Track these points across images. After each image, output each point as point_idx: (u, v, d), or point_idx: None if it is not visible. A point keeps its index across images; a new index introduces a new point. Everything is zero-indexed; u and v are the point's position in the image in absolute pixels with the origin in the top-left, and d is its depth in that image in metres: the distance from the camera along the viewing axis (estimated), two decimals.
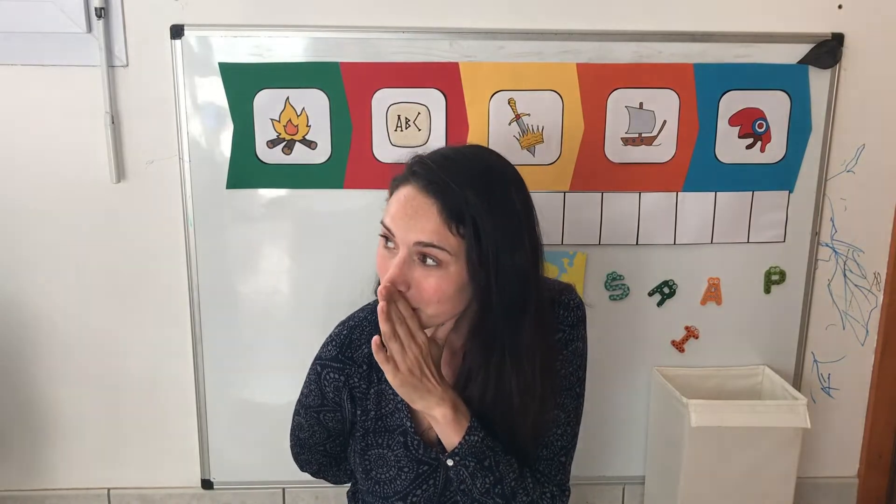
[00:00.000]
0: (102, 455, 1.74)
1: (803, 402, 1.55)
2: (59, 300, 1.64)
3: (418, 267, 1.00)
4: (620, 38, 1.52)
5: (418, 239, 0.99)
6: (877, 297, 1.71)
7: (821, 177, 1.62)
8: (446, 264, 0.99)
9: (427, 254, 0.99)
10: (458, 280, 1.01)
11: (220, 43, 1.50)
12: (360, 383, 1.14)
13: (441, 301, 1.00)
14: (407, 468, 1.13)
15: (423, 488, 1.13)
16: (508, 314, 1.04)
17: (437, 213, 0.99)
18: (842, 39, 1.55)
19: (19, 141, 1.56)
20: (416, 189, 1.01)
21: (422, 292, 1.00)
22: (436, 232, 0.99)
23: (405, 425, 1.12)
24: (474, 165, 1.04)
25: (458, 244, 0.99)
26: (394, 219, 1.01)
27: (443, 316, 1.03)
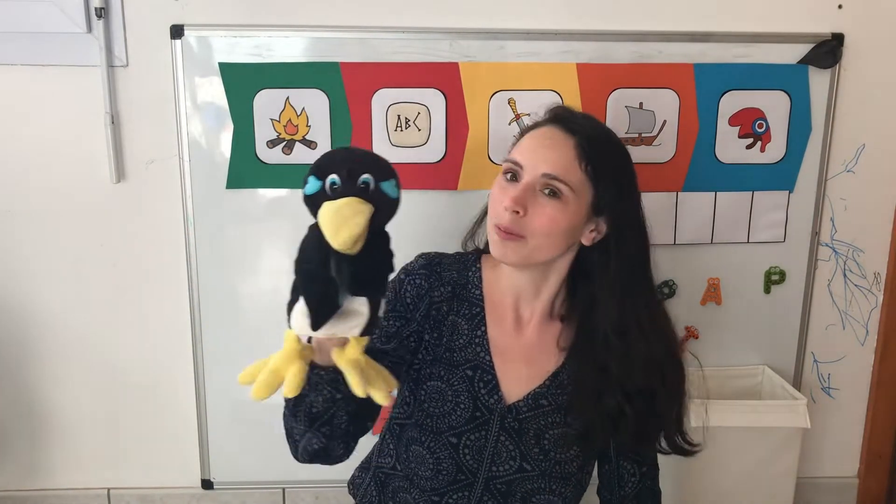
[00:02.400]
0: (102, 455, 1.74)
1: (803, 402, 1.55)
2: (58, 300, 1.64)
3: (540, 196, 1.06)
4: (620, 38, 1.52)
5: (547, 171, 1.05)
6: (877, 297, 1.71)
7: (821, 177, 1.62)
8: (566, 199, 1.06)
9: (552, 186, 1.05)
10: (573, 218, 1.07)
11: (220, 43, 1.50)
12: (442, 303, 1.17)
13: (549, 234, 1.06)
14: (464, 405, 1.14)
15: (477, 434, 1.14)
16: (638, 269, 1.12)
17: (571, 147, 1.06)
18: (842, 39, 1.55)
19: (19, 141, 1.56)
20: (555, 128, 1.09)
21: (535, 219, 1.05)
22: (565, 166, 1.05)
23: (481, 360, 1.14)
24: (608, 130, 1.13)
25: (583, 183, 1.06)
26: (526, 151, 1.08)
27: (542, 251, 1.08)
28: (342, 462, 1.16)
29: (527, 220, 1.05)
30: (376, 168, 0.89)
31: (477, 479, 1.15)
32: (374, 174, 0.88)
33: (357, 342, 0.93)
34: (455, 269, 1.19)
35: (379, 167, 0.90)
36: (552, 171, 1.05)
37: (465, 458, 1.15)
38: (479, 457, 1.15)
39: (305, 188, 0.88)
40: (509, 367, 1.15)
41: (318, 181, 0.87)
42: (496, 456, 1.15)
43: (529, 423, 1.14)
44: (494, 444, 1.14)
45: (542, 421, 1.15)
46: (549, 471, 1.14)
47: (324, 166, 0.88)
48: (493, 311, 1.17)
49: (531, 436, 1.14)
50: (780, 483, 1.59)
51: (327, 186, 0.87)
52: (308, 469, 1.72)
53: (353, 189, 0.87)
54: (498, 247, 1.07)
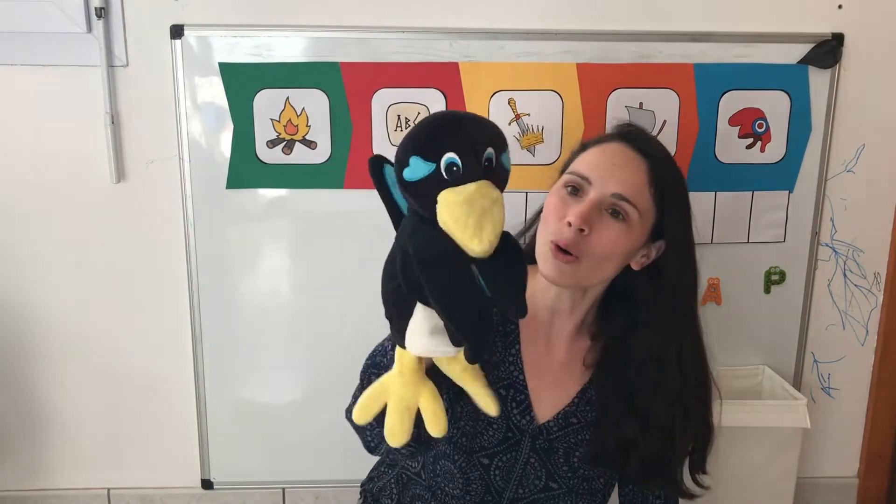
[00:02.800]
0: (102, 455, 1.74)
1: (803, 402, 1.55)
2: (58, 300, 1.64)
3: (605, 216, 1.02)
4: (620, 38, 1.52)
5: (618, 190, 1.01)
6: (877, 297, 1.71)
7: (821, 177, 1.62)
8: (631, 222, 1.02)
9: (620, 208, 1.01)
10: (634, 242, 1.04)
11: (220, 43, 1.50)
12: None
13: (610, 256, 1.02)
14: (497, 425, 1.11)
15: (508, 456, 1.11)
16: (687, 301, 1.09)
17: (644, 171, 1.03)
18: (842, 39, 1.55)
19: (19, 141, 1.56)
20: (627, 146, 1.05)
21: (598, 240, 1.00)
22: (637, 188, 1.02)
23: (515, 379, 1.11)
24: (670, 155, 1.10)
25: (649, 208, 1.03)
26: (595, 166, 1.03)
27: (599, 272, 1.04)
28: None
29: (588, 240, 1.00)
30: (496, 138, 0.72)
31: (502, 500, 1.13)
32: (495, 146, 0.71)
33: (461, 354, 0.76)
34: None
35: (498, 135, 0.73)
36: (623, 192, 1.01)
37: (494, 479, 1.12)
38: (507, 477, 1.13)
39: (406, 172, 0.68)
40: (541, 386, 1.12)
41: (427, 163, 0.67)
42: (524, 477, 1.12)
43: (559, 441, 1.11)
44: (524, 466, 1.12)
45: (571, 439, 1.12)
46: (576, 487, 1.12)
47: (437, 142, 0.68)
48: (526, 329, 1.13)
49: (560, 454, 1.12)
50: (780, 483, 1.59)
51: (443, 168, 0.67)
52: (308, 469, 1.74)
53: (478, 169, 0.68)
54: (551, 267, 1.01)
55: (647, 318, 1.07)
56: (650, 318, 1.07)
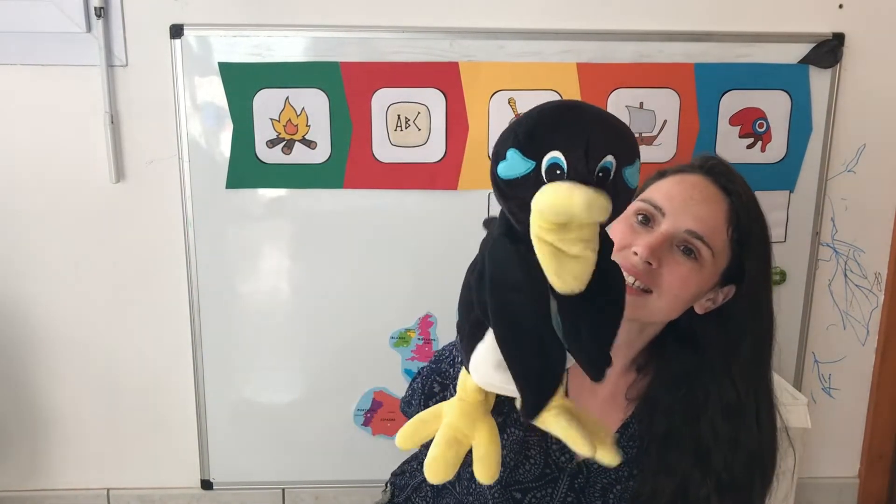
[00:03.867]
0: (102, 455, 1.74)
1: (804, 403, 1.55)
2: (58, 300, 1.64)
3: (675, 252, 0.94)
4: (620, 38, 1.52)
5: (693, 227, 0.94)
6: (877, 297, 1.71)
7: (821, 177, 1.62)
8: (704, 262, 0.95)
9: (693, 245, 0.94)
10: (704, 284, 0.96)
11: (219, 43, 1.50)
12: None
13: (679, 295, 0.95)
14: (534, 460, 1.05)
15: (543, 493, 1.05)
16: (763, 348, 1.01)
17: (724, 210, 0.96)
18: (842, 39, 1.55)
19: (19, 141, 1.56)
20: (709, 182, 0.98)
21: (667, 276, 0.93)
22: (714, 228, 0.95)
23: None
24: (755, 196, 1.02)
25: (724, 249, 0.96)
26: (671, 198, 0.96)
27: (664, 312, 0.97)
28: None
29: (656, 274, 0.93)
30: (623, 143, 0.57)
31: None
32: (618, 155, 0.56)
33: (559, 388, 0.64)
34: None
35: (625, 142, 0.58)
36: (698, 230, 0.94)
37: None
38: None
39: (500, 167, 0.56)
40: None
41: (527, 161, 0.54)
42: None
43: (597, 477, 1.05)
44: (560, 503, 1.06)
45: (612, 475, 1.05)
46: None
47: (541, 136, 0.55)
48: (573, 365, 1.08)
49: (597, 490, 1.06)
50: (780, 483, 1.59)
51: (544, 169, 0.54)
52: (308, 469, 1.74)
53: (588, 179, 0.53)
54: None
55: (720, 366, 0.99)
56: (723, 366, 0.99)
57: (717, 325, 1.00)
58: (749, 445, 0.99)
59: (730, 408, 0.98)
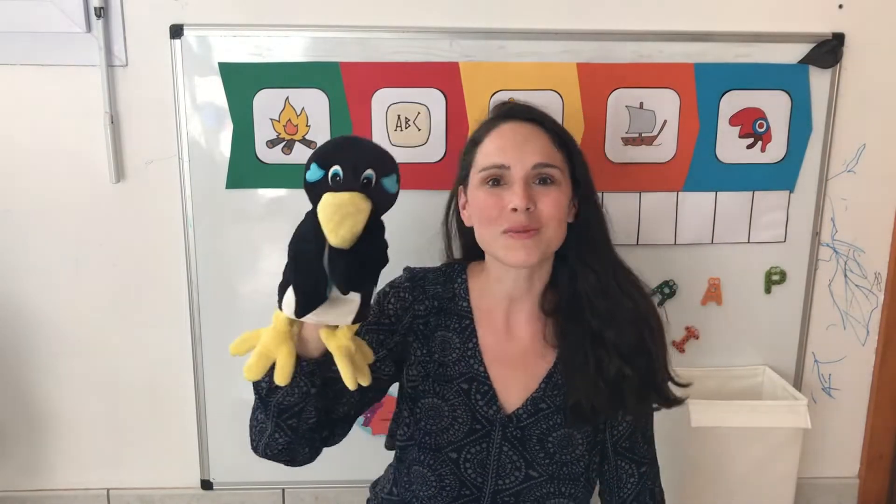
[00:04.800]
0: (102, 455, 1.74)
1: (804, 403, 1.55)
2: (58, 300, 1.64)
3: (535, 188, 1.07)
4: (620, 38, 1.52)
5: (537, 161, 1.07)
6: (877, 297, 1.71)
7: (821, 177, 1.62)
8: (559, 181, 1.08)
9: (545, 174, 1.07)
10: (567, 195, 1.10)
11: (219, 43, 1.50)
12: (428, 317, 1.16)
13: (560, 219, 1.08)
14: (461, 419, 1.13)
15: (478, 447, 1.13)
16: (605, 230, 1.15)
17: (543, 134, 1.10)
18: (842, 39, 1.55)
19: (19, 141, 1.56)
20: (518, 122, 1.11)
21: (546, 209, 1.06)
22: (548, 152, 1.08)
23: (476, 371, 1.13)
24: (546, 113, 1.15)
25: (563, 161, 1.10)
26: (503, 151, 1.08)
27: (555, 238, 1.09)
28: (305, 465, 1.14)
29: (537, 213, 1.06)
30: (380, 162, 0.88)
31: (483, 494, 1.13)
32: (376, 169, 0.87)
33: (348, 329, 0.92)
34: (440, 282, 1.18)
35: (382, 161, 0.89)
36: (542, 160, 1.07)
37: (467, 473, 1.13)
38: (483, 470, 1.13)
39: (307, 174, 0.87)
40: (505, 374, 1.14)
41: (320, 170, 0.86)
42: (500, 468, 1.13)
43: (531, 428, 1.13)
44: (497, 456, 1.13)
45: (543, 424, 1.13)
46: (556, 473, 1.13)
47: (328, 155, 0.87)
48: (483, 320, 1.16)
49: (535, 441, 1.13)
50: (781, 483, 1.59)
51: (329, 177, 0.86)
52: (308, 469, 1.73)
53: (355, 184, 0.86)
54: (518, 252, 1.06)
55: (579, 263, 1.12)
56: (581, 261, 1.12)
57: (574, 226, 1.13)
58: (625, 311, 1.11)
59: (597, 289, 1.11)
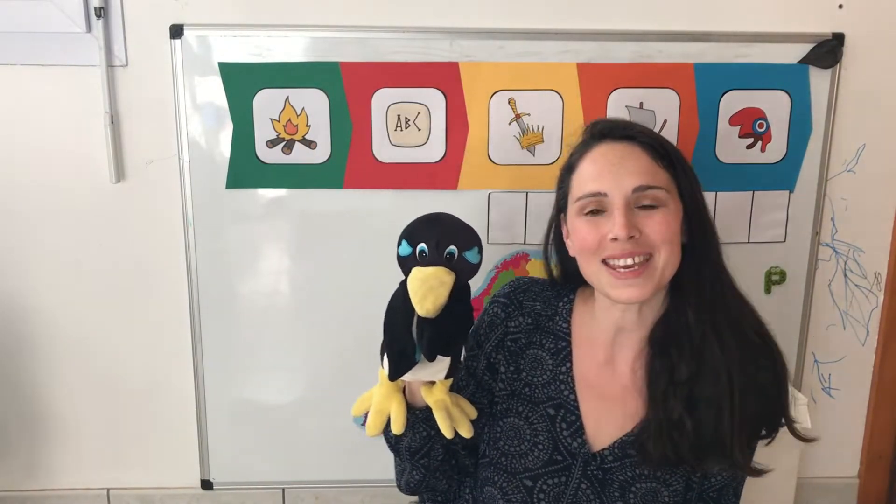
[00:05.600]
0: (102, 455, 1.74)
1: (804, 403, 1.55)
2: (58, 300, 1.64)
3: (639, 212, 0.99)
4: (620, 38, 1.52)
5: (636, 184, 0.98)
6: (877, 297, 1.71)
7: (821, 177, 1.62)
8: (665, 202, 1.00)
9: (648, 196, 0.99)
10: (678, 215, 1.01)
11: (219, 43, 1.50)
12: (519, 334, 1.11)
13: (671, 240, 0.99)
14: (542, 446, 1.07)
15: (556, 480, 1.06)
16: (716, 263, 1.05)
17: (642, 152, 1.00)
18: (842, 39, 1.55)
19: (18, 141, 1.56)
20: (610, 143, 1.02)
21: (652, 234, 0.98)
22: (649, 172, 0.99)
23: (565, 398, 1.07)
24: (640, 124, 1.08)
25: (669, 179, 1.01)
26: (599, 177, 1.00)
27: (670, 265, 1.00)
28: (450, 496, 1.19)
29: (644, 239, 0.98)
30: (462, 238, 0.97)
31: None
32: (458, 245, 0.96)
33: (442, 384, 1.01)
34: (542, 298, 1.13)
35: (465, 237, 0.97)
36: (642, 182, 0.98)
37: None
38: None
39: (399, 249, 0.98)
40: (598, 407, 1.07)
41: (409, 246, 0.97)
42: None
43: (615, 473, 1.05)
44: (574, 493, 1.06)
45: (629, 472, 1.06)
46: None
47: (416, 233, 0.98)
48: (581, 346, 1.09)
49: (615, 487, 1.06)
50: (780, 483, 1.59)
51: (417, 253, 0.96)
52: (308, 469, 1.74)
53: (439, 259, 0.95)
54: (626, 289, 0.98)
55: (682, 293, 1.02)
56: (684, 291, 1.02)
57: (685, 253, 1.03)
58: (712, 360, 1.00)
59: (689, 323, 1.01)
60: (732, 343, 1.02)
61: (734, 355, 1.02)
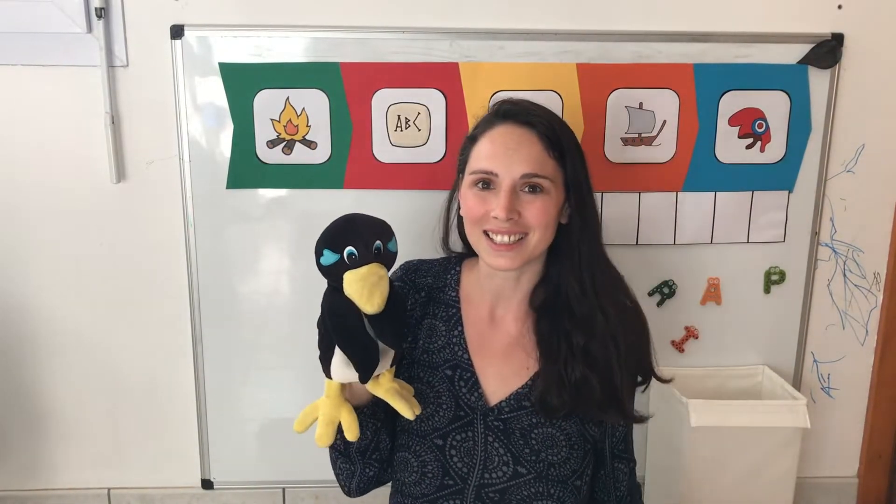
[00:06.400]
0: (102, 455, 1.74)
1: (803, 402, 1.55)
2: (58, 300, 1.64)
3: (523, 195, 1.09)
4: (620, 38, 1.52)
5: (525, 171, 1.07)
6: (876, 297, 1.72)
7: (821, 177, 1.62)
8: (548, 189, 1.09)
9: (533, 184, 1.08)
10: (557, 202, 1.11)
11: (220, 43, 1.50)
12: (415, 309, 1.19)
13: (546, 225, 1.09)
14: (446, 405, 1.15)
15: (463, 435, 1.14)
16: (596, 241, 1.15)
17: (537, 141, 1.09)
18: (842, 39, 1.55)
19: (19, 141, 1.56)
20: (512, 125, 1.10)
21: (531, 218, 1.08)
22: (539, 161, 1.08)
23: (460, 358, 1.16)
24: (551, 111, 1.15)
25: (556, 169, 1.10)
26: (493, 157, 1.09)
27: (542, 242, 1.11)
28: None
29: (523, 221, 1.08)
30: (383, 232, 1.00)
31: (467, 486, 1.13)
32: (382, 239, 0.99)
33: (388, 373, 1.04)
34: (432, 273, 1.22)
35: (383, 230, 1.00)
36: (530, 170, 1.07)
37: (452, 461, 1.13)
38: (470, 461, 1.13)
39: (321, 260, 0.98)
40: (489, 364, 1.16)
41: (334, 254, 0.97)
42: (488, 461, 1.13)
43: (513, 422, 1.13)
44: (484, 447, 1.13)
45: (525, 420, 1.14)
46: (544, 473, 1.13)
47: (338, 240, 0.98)
48: (469, 311, 1.19)
49: (518, 436, 1.13)
50: (780, 483, 1.60)
51: (345, 257, 0.97)
52: (308, 469, 1.74)
53: (369, 256, 0.97)
54: (499, 258, 1.09)
55: (569, 266, 1.13)
56: (571, 265, 1.13)
57: (566, 230, 1.14)
58: (599, 325, 1.12)
59: (576, 294, 1.12)
60: (612, 311, 1.13)
61: (615, 321, 1.13)
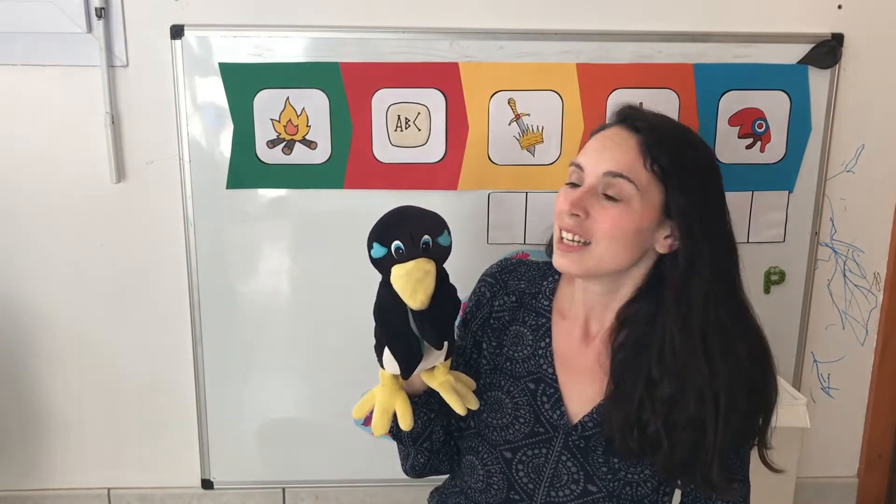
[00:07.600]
0: (102, 455, 1.74)
1: (803, 402, 1.55)
2: (58, 300, 1.64)
3: (602, 199, 0.99)
4: (620, 38, 1.52)
5: (608, 168, 0.98)
6: (876, 297, 1.72)
7: (821, 177, 1.62)
8: (630, 199, 0.98)
9: (614, 185, 0.98)
10: (640, 220, 0.98)
11: (220, 43, 1.50)
12: (503, 313, 1.14)
13: (615, 237, 0.98)
14: (524, 419, 1.08)
15: (535, 451, 1.08)
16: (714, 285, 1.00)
17: (635, 145, 0.99)
18: (841, 39, 1.55)
19: (19, 141, 1.56)
20: (621, 128, 1.02)
21: (598, 223, 0.98)
22: (628, 163, 0.98)
23: (544, 372, 1.09)
24: (682, 128, 1.07)
25: (650, 181, 0.98)
26: (586, 152, 1.03)
27: (608, 259, 1.00)
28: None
29: (589, 224, 0.98)
30: (432, 226, 0.98)
31: (534, 502, 1.08)
32: (430, 233, 0.97)
33: (443, 366, 1.03)
34: (527, 278, 1.14)
35: (434, 224, 0.98)
36: (613, 169, 0.97)
37: (518, 476, 1.08)
38: (536, 477, 1.07)
39: (371, 252, 0.99)
40: (573, 382, 1.08)
41: (382, 247, 0.97)
42: (556, 478, 1.07)
43: (597, 439, 1.06)
44: (555, 465, 1.07)
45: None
46: (617, 492, 1.05)
47: (386, 233, 0.98)
48: (560, 323, 1.10)
49: (599, 454, 1.06)
50: (780, 483, 1.59)
51: (393, 251, 0.96)
52: (308, 469, 1.74)
53: (416, 251, 0.96)
54: (558, 257, 1.02)
55: (672, 303, 1.00)
56: (674, 303, 0.99)
57: (672, 261, 1.01)
58: (695, 381, 0.98)
59: (675, 340, 0.99)
60: (723, 368, 0.99)
61: (722, 379, 0.98)
